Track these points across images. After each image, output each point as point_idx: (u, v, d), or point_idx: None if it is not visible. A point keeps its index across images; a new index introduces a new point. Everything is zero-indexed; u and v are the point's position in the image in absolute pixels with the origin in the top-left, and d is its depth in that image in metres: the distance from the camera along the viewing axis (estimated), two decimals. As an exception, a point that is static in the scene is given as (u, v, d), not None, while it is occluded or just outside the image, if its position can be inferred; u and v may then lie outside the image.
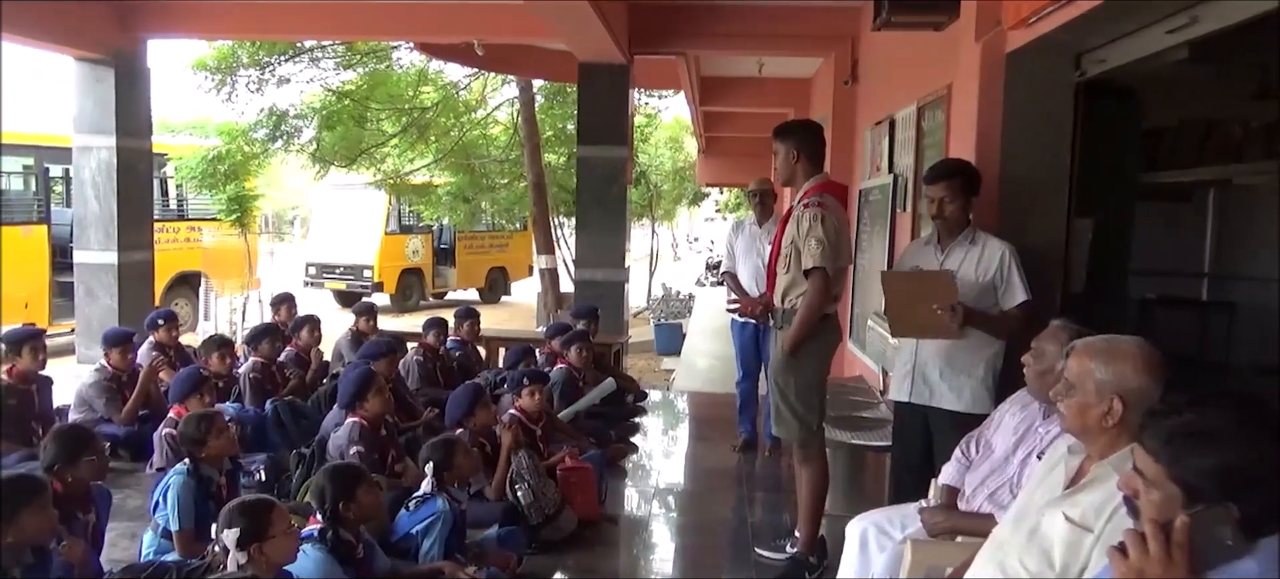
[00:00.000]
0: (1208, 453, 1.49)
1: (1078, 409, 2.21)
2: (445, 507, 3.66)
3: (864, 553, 3.07)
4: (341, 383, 4.81)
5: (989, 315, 3.45)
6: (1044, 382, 2.75)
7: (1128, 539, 1.49)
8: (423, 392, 6.49)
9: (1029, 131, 3.93)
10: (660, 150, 23.71)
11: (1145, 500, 1.58)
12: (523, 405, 5.01)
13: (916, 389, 3.71)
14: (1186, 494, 1.50)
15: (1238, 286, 7.40)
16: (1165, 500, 1.53)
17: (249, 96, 12.14)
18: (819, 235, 3.71)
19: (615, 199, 8.37)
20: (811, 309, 3.77)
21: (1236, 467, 1.47)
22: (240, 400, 5.78)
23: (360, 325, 7.39)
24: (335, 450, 4.45)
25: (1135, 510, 1.60)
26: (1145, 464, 1.57)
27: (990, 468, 2.89)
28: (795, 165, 3.95)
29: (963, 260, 3.58)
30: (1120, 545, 1.50)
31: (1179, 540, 1.44)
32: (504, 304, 21.03)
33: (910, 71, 5.67)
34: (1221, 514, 1.44)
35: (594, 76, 8.19)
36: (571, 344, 6.38)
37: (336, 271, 18.79)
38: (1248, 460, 1.47)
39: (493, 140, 16.37)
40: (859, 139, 7.66)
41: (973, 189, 3.61)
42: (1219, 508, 1.45)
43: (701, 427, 7.59)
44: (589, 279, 8.41)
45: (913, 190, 5.50)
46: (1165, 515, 1.50)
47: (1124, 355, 2.16)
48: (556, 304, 12.51)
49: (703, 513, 5.30)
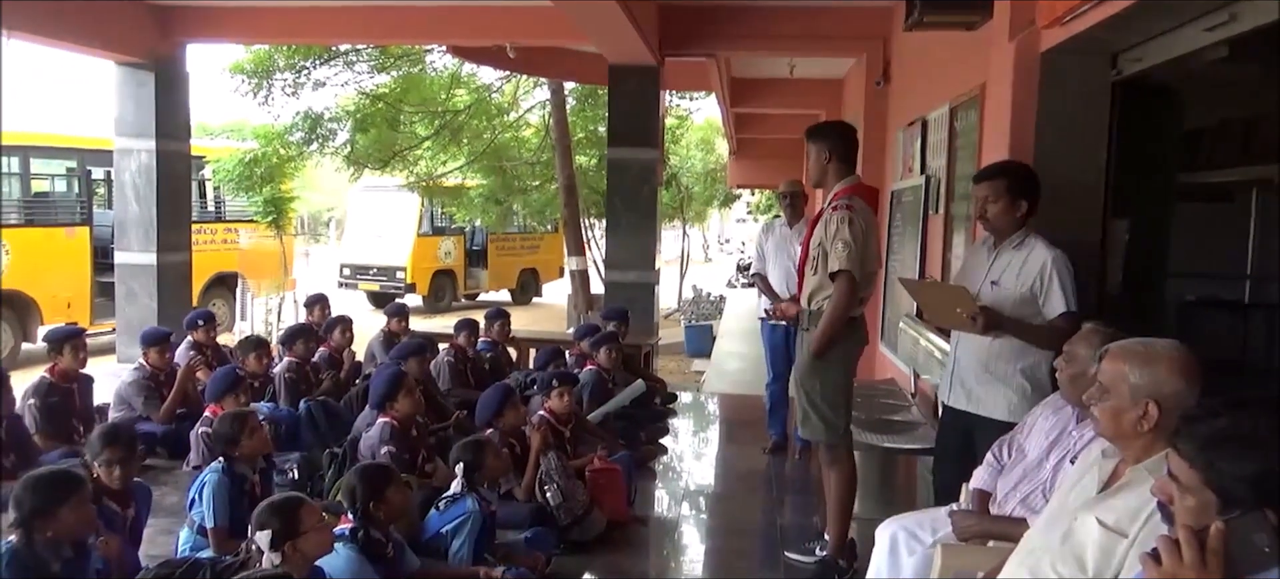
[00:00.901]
0: (1244, 458, 1.46)
1: (1112, 413, 2.18)
2: (475, 507, 3.68)
3: (893, 556, 3.04)
4: (372, 383, 4.86)
5: (1024, 323, 3.32)
6: (1077, 385, 2.71)
7: (1161, 545, 1.46)
8: (453, 392, 6.54)
9: (1064, 132, 3.88)
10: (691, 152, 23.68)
11: (1180, 506, 1.55)
12: (552, 407, 5.03)
13: (954, 395, 3.64)
14: (1222, 500, 1.47)
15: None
16: (1200, 506, 1.50)
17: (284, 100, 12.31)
18: (846, 238, 3.68)
19: (645, 201, 8.37)
20: (837, 312, 3.74)
21: (1274, 472, 1.44)
22: (275, 400, 5.86)
23: (392, 326, 7.45)
24: (366, 450, 4.50)
25: (1170, 516, 1.58)
26: (1180, 469, 1.55)
27: (1022, 472, 2.86)
28: (826, 166, 3.93)
29: (1006, 267, 3.44)
30: (1154, 551, 1.47)
31: (1214, 547, 1.41)
32: (535, 305, 21.12)
33: (943, 72, 5.63)
34: (1258, 520, 1.41)
35: (624, 78, 8.20)
36: (601, 346, 6.39)
37: (370, 273, 18.99)
38: None
39: (524, 143, 16.45)
40: (891, 140, 7.61)
41: (1021, 191, 3.43)
42: (1256, 514, 1.42)
43: (731, 428, 7.57)
44: (619, 281, 8.42)
45: (945, 192, 5.46)
46: (1200, 521, 1.47)
47: (1159, 359, 2.12)
48: (587, 306, 12.54)
49: (732, 515, 5.29)
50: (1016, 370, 3.41)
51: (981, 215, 3.51)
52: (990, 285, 3.44)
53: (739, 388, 9.69)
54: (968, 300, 3.30)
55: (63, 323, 7.76)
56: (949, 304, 3.43)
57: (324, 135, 13.28)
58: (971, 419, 3.56)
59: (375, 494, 3.26)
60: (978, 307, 3.26)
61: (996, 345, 3.42)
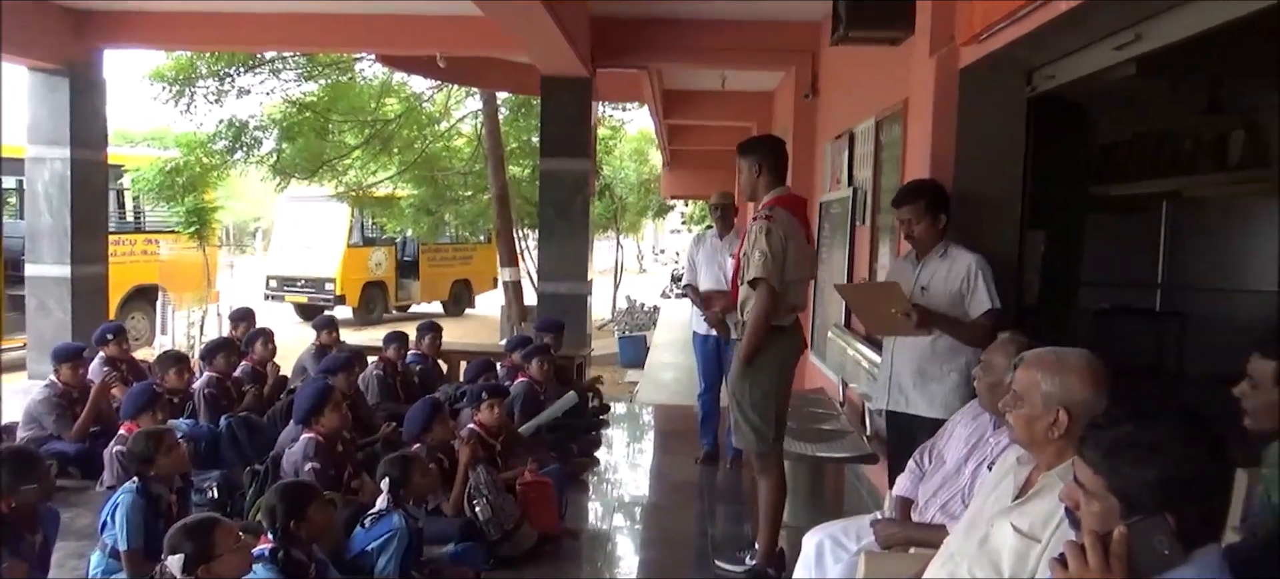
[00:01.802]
0: (1146, 464, 1.51)
1: (1025, 421, 2.24)
2: (401, 523, 3.62)
3: (820, 564, 3.08)
4: (298, 397, 4.75)
5: (954, 319, 3.50)
6: (993, 393, 2.78)
7: (1067, 550, 1.51)
8: (382, 406, 6.44)
9: (982, 145, 3.98)
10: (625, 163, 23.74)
11: (1085, 512, 1.60)
12: (482, 419, 4.97)
13: (893, 397, 3.78)
14: (1125, 505, 1.52)
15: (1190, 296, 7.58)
16: (1105, 512, 1.55)
17: (208, 107, 11.99)
18: (763, 247, 3.78)
19: (578, 211, 8.36)
20: (757, 320, 3.82)
21: (1174, 478, 1.49)
22: (195, 417, 5.68)
23: (323, 339, 7.30)
24: (290, 466, 4.38)
25: (1076, 522, 1.62)
26: (1085, 476, 1.59)
27: (942, 479, 2.92)
28: (757, 180, 4.03)
29: (934, 274, 3.64)
30: (1060, 556, 1.52)
31: (1117, 551, 1.46)
32: (468, 317, 20.90)
33: (869, 86, 5.74)
34: (1159, 524, 1.46)
35: (556, 89, 8.18)
36: (532, 357, 6.35)
37: (298, 284, 18.59)
38: (1185, 472, 1.49)
39: (456, 153, 16.30)
40: (820, 152, 7.73)
41: (939, 206, 3.66)
42: (1157, 518, 1.47)
43: (664, 439, 7.58)
44: (552, 292, 8.39)
45: (872, 203, 5.56)
46: (1105, 526, 1.52)
47: (1069, 368, 2.19)
48: (520, 317, 12.45)
49: (664, 526, 5.29)
50: (951, 370, 3.58)
51: (908, 234, 3.71)
52: (920, 291, 3.61)
53: (673, 398, 9.73)
54: (901, 298, 3.44)
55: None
56: (883, 305, 3.54)
57: (249, 144, 12.96)
58: (911, 421, 3.69)
59: (296, 512, 3.18)
60: (911, 304, 3.40)
61: (931, 347, 3.60)
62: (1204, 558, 1.49)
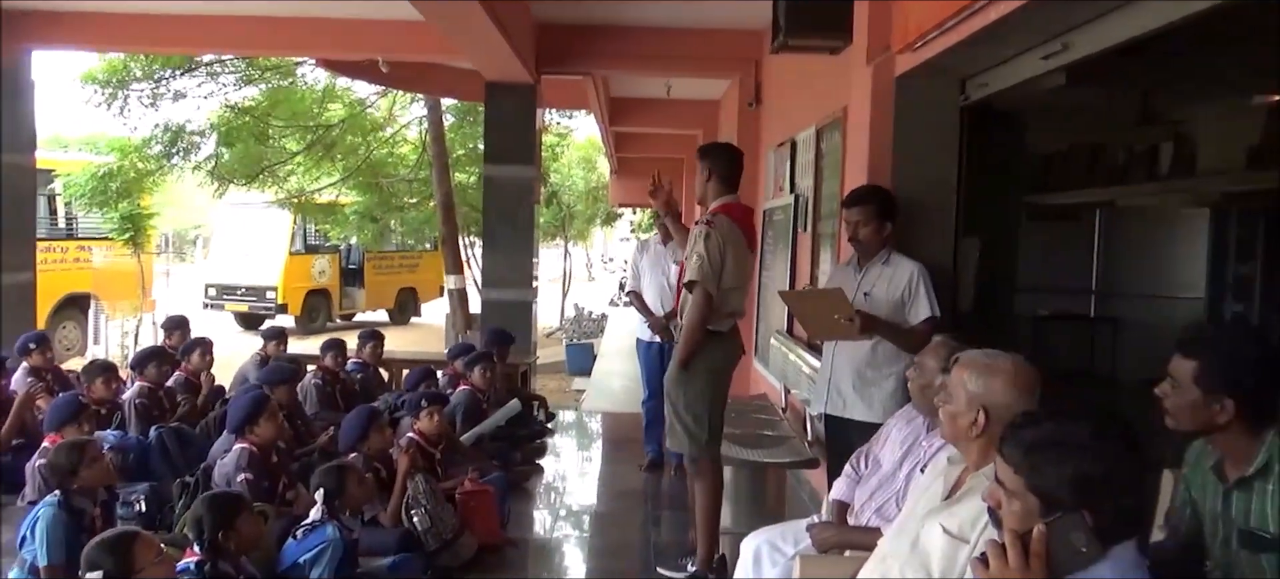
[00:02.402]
0: (1063, 463, 1.53)
1: (950, 417, 2.29)
2: (335, 534, 3.54)
3: (757, 569, 3.08)
4: (231, 407, 4.64)
5: (895, 326, 3.55)
6: (925, 395, 2.82)
7: (989, 550, 1.53)
8: (321, 416, 6.31)
9: (918, 153, 4.04)
10: (573, 170, 23.68)
11: (1006, 510, 1.62)
12: (421, 428, 4.90)
13: (831, 401, 3.82)
14: (1044, 504, 1.55)
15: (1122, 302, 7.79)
16: (1024, 510, 1.57)
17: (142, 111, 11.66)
18: (701, 251, 3.80)
19: (523, 219, 8.31)
20: (692, 323, 3.84)
21: (1091, 476, 1.52)
22: (123, 428, 5.50)
23: (269, 350, 7.14)
24: (222, 478, 4.27)
25: (998, 521, 1.64)
26: (1006, 475, 1.61)
27: (878, 482, 2.94)
28: (707, 185, 4.05)
29: (876, 281, 3.69)
30: (982, 556, 1.53)
31: (1036, 549, 1.48)
32: (414, 325, 20.66)
33: (809, 95, 5.79)
34: (1076, 521, 1.49)
35: (501, 95, 8.13)
36: (475, 365, 6.28)
37: (238, 293, 18.19)
38: (1101, 469, 1.52)
39: (402, 159, 16.09)
40: (763, 160, 7.79)
41: (887, 213, 3.71)
42: (1074, 516, 1.49)
43: (609, 446, 7.56)
44: (497, 299, 8.32)
45: (813, 211, 5.61)
46: (1025, 525, 1.54)
47: (996, 371, 2.23)
48: (465, 325, 12.31)
49: (607, 534, 5.26)
50: (889, 375, 3.63)
51: (853, 237, 3.75)
52: (863, 297, 3.65)
53: (619, 405, 9.71)
54: (844, 304, 3.49)
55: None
56: (826, 311, 3.57)
57: (186, 149, 12.64)
58: (848, 425, 3.73)
59: (224, 524, 3.09)
60: (854, 310, 3.45)
61: (871, 353, 3.65)
62: (1121, 555, 1.52)
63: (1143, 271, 7.78)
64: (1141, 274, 7.77)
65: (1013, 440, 1.61)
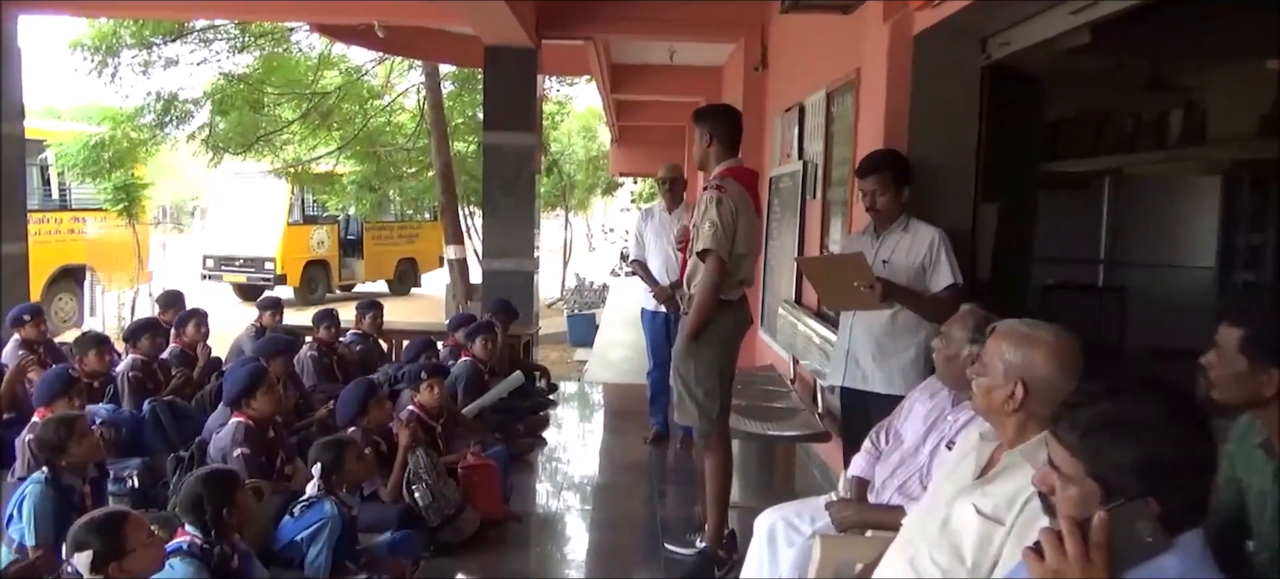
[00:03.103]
0: (1127, 446, 1.39)
1: (985, 390, 2.16)
2: (333, 511, 3.42)
3: (772, 548, 2.97)
4: (227, 380, 4.50)
5: (917, 293, 3.43)
6: (952, 367, 2.69)
7: (1044, 539, 1.39)
8: (320, 388, 6.18)
9: (936, 116, 3.89)
10: (573, 139, 23.45)
11: (1062, 497, 1.48)
12: (422, 401, 4.78)
13: (850, 374, 3.70)
14: (1104, 490, 1.41)
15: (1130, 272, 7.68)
16: (1083, 497, 1.44)
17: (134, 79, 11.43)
18: (712, 218, 3.63)
19: (524, 187, 8.15)
20: (705, 293, 3.68)
21: (1158, 460, 1.38)
22: (115, 401, 5.37)
23: (264, 320, 7.00)
24: (217, 453, 4.14)
25: (1051, 508, 1.51)
26: (1061, 459, 1.48)
27: (900, 458, 2.82)
28: (708, 150, 3.88)
29: (895, 248, 3.56)
30: (1036, 546, 1.40)
31: (1097, 540, 1.35)
32: (414, 296, 20.53)
33: (819, 57, 5.62)
34: (1141, 509, 1.35)
35: (500, 61, 7.95)
36: (476, 336, 6.15)
37: (236, 264, 18.03)
38: (1169, 453, 1.38)
39: (399, 128, 15.86)
40: (769, 126, 7.61)
41: (904, 178, 3.58)
42: (1139, 503, 1.36)
43: (613, 418, 7.45)
44: (497, 269, 8.18)
45: (823, 177, 5.45)
46: (1083, 512, 1.40)
47: (1037, 342, 2.10)
48: (466, 295, 12.17)
49: (612, 508, 5.15)
50: (910, 344, 3.52)
51: (871, 206, 3.60)
52: (882, 265, 3.52)
53: (622, 377, 9.59)
54: (865, 269, 3.35)
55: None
56: (845, 278, 3.43)
57: (179, 117, 12.42)
58: (867, 398, 3.62)
59: (225, 502, 2.96)
60: (875, 276, 3.31)
61: (891, 323, 3.53)
62: (1188, 545, 1.39)
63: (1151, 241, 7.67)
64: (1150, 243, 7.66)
65: (1069, 421, 1.47)
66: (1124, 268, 7.76)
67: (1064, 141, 6.62)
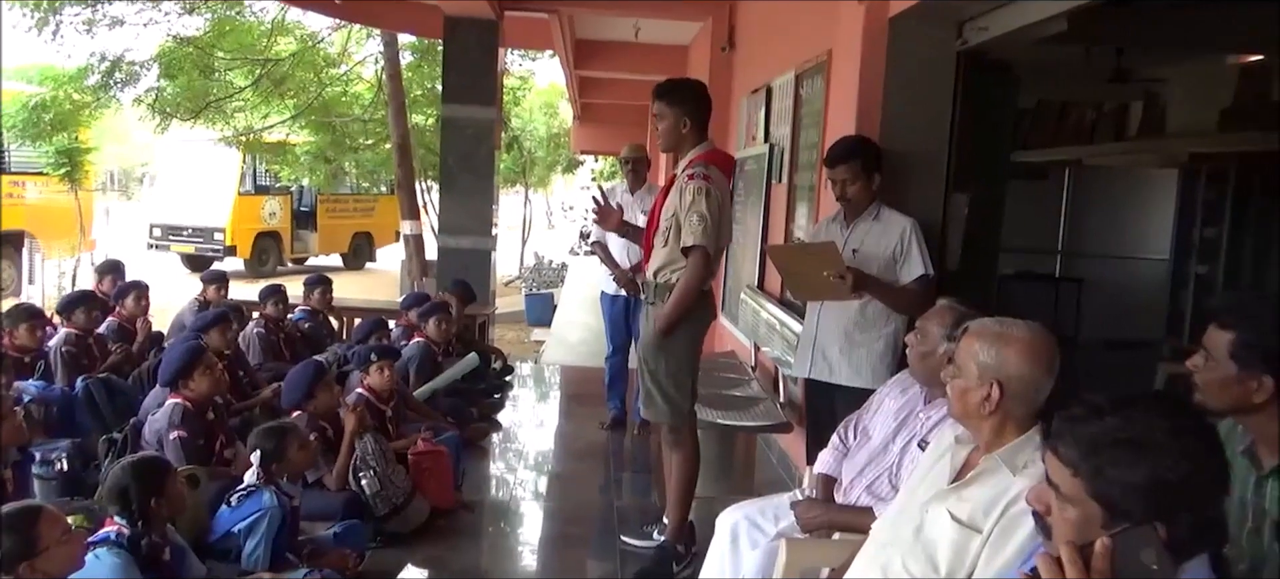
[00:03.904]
0: (1135, 465, 1.28)
1: (959, 391, 2.06)
2: (272, 502, 3.24)
3: (734, 548, 2.85)
4: (165, 358, 4.27)
5: (887, 284, 3.34)
6: (926, 363, 2.59)
7: (1040, 564, 1.28)
8: (266, 367, 5.96)
9: (910, 102, 3.79)
10: (534, 116, 23.14)
11: (1059, 518, 1.37)
12: (371, 383, 4.59)
13: (816, 365, 3.58)
14: (1108, 513, 1.30)
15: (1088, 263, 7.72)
16: (1083, 519, 1.33)
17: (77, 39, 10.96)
18: (701, 211, 3.45)
19: (482, 163, 7.95)
20: (688, 289, 3.51)
21: (1168, 481, 1.27)
22: (47, 378, 5.10)
23: (208, 294, 6.73)
24: (153, 435, 3.93)
25: (1046, 529, 1.40)
26: (1060, 477, 1.36)
27: (868, 456, 2.71)
28: (683, 134, 3.66)
29: (865, 237, 3.46)
30: (1032, 572, 1.28)
31: (1098, 567, 1.23)
32: (368, 271, 20.17)
33: (789, 38, 5.49)
34: (1147, 535, 1.24)
35: (460, 31, 7.72)
36: (430, 316, 5.96)
37: (184, 234, 17.51)
38: (1181, 474, 1.27)
39: (356, 99, 15.47)
40: (735, 108, 7.48)
41: (875, 166, 3.47)
42: (1145, 528, 1.24)
43: (569, 403, 7.30)
44: (453, 246, 7.98)
45: (790, 161, 5.34)
46: (1083, 536, 1.29)
47: (1010, 340, 2.00)
48: (421, 272, 11.91)
49: (567, 498, 5.01)
50: (879, 335, 3.42)
51: (841, 195, 3.50)
52: (851, 254, 3.41)
53: (579, 359, 9.43)
54: (836, 258, 3.24)
55: None
56: (815, 267, 3.32)
57: (125, 80, 11.95)
58: (834, 390, 3.52)
59: (154, 491, 2.77)
60: (846, 266, 3.21)
61: (860, 313, 3.43)
62: (1194, 572, 1.28)
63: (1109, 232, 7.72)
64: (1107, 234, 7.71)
65: (1070, 435, 1.35)
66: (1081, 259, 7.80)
67: (1027, 131, 6.58)
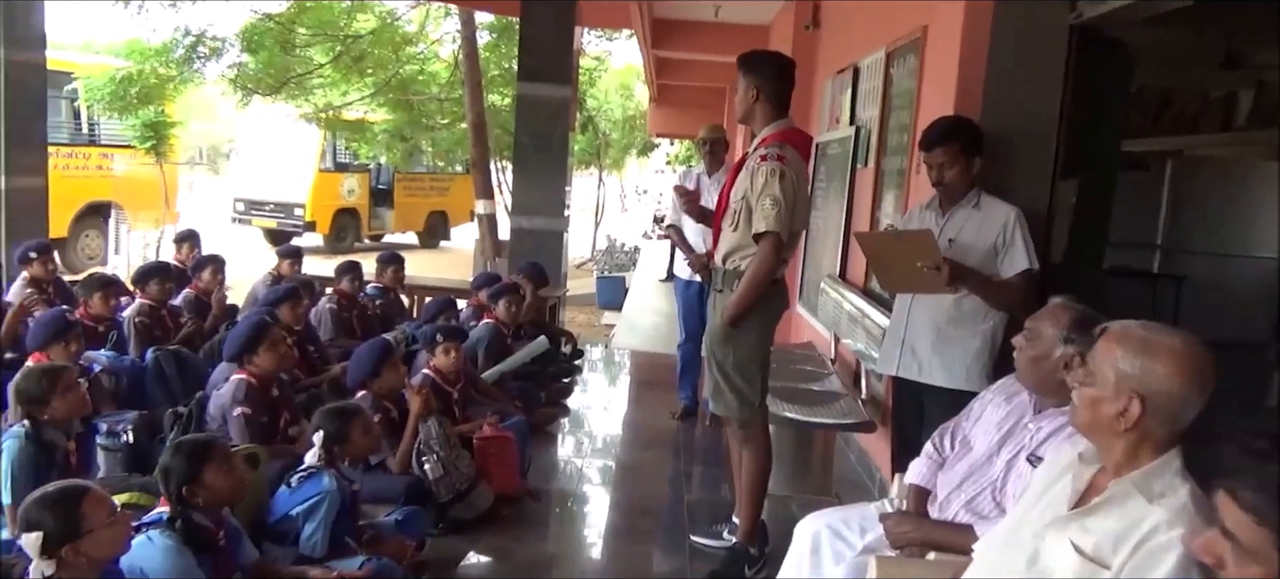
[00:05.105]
0: None
1: (1090, 402, 1.80)
2: (331, 485, 3.12)
3: (815, 559, 2.62)
4: (230, 333, 4.23)
5: (986, 278, 3.07)
6: (1038, 369, 2.32)
7: None
8: (337, 343, 5.91)
9: (1016, 81, 3.48)
10: (610, 97, 22.97)
11: (1233, 569, 1.13)
12: (437, 365, 4.48)
13: (904, 363, 3.33)
14: None
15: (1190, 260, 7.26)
16: None
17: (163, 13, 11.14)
18: (775, 194, 3.22)
19: (557, 142, 7.80)
20: (759, 277, 3.29)
21: None
22: (119, 348, 5.11)
23: (282, 268, 6.73)
24: (217, 410, 3.88)
25: (1218, 583, 1.16)
26: (1240, 525, 1.12)
27: (968, 468, 2.45)
28: (754, 105, 3.45)
29: (963, 225, 3.20)
30: None
31: None
32: (443, 250, 20.32)
33: (879, 14, 5.19)
34: None
35: (537, 9, 7.58)
36: (500, 298, 5.84)
37: (266, 209, 17.87)
38: None
39: (433, 77, 15.51)
40: (818, 90, 7.18)
41: (975, 149, 3.19)
42: None
43: (640, 390, 7.13)
44: (526, 227, 7.86)
45: (877, 145, 5.05)
46: None
47: (1159, 350, 1.72)
48: (494, 252, 11.86)
49: (636, 489, 4.84)
50: (975, 333, 3.15)
51: (939, 181, 3.23)
52: (948, 243, 3.15)
53: (651, 344, 9.27)
54: (932, 248, 2.98)
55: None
56: (908, 257, 3.06)
57: (208, 55, 12.13)
58: (923, 390, 3.27)
59: (187, 478, 2.66)
60: (942, 257, 2.95)
61: (954, 308, 3.17)
62: None
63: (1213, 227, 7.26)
64: (1211, 230, 7.25)
65: (1257, 479, 1.11)
66: (1182, 255, 7.35)
67: (1140, 116, 6.17)
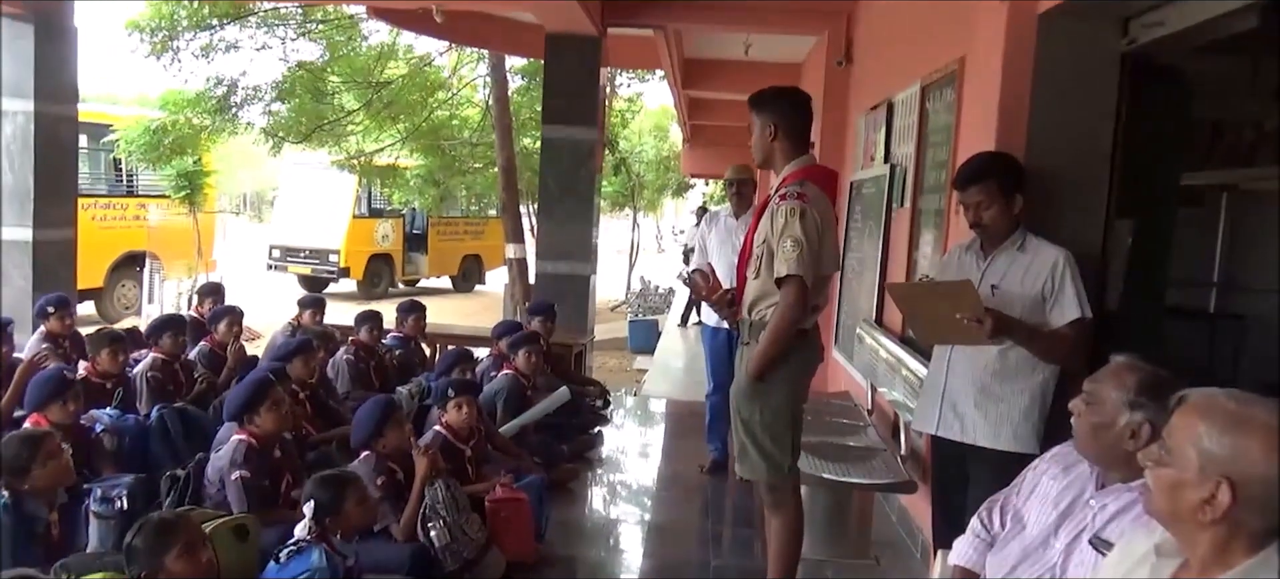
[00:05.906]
0: None
1: (1169, 485, 1.51)
2: (321, 562, 2.90)
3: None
4: (232, 391, 4.05)
5: (1034, 329, 2.79)
6: (1101, 438, 2.02)
7: None
8: (354, 395, 5.72)
9: (1063, 113, 3.20)
10: (644, 137, 22.90)
11: None
12: (450, 421, 4.26)
13: (945, 421, 3.04)
14: None
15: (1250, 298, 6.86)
16: None
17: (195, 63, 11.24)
18: (796, 235, 2.98)
19: (583, 185, 7.62)
20: (782, 326, 3.03)
21: None
22: (126, 405, 4.94)
23: (302, 319, 6.60)
24: (215, 473, 3.69)
25: None
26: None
27: (1022, 550, 2.15)
28: (772, 144, 3.21)
29: (1007, 270, 2.92)
30: None
31: None
32: (478, 294, 20.26)
33: (914, 46, 4.95)
34: None
35: (561, 49, 7.43)
36: (520, 348, 5.62)
37: (301, 255, 17.94)
38: None
39: (465, 121, 15.52)
40: (851, 127, 6.93)
41: (1015, 186, 2.94)
42: None
43: (669, 441, 6.85)
44: (551, 272, 7.67)
45: (914, 183, 4.78)
46: None
47: (1251, 426, 1.43)
48: (524, 296, 11.71)
49: (660, 552, 4.53)
50: (1022, 389, 2.86)
51: (976, 221, 2.96)
52: (990, 290, 2.88)
53: (684, 391, 9.00)
54: (973, 299, 2.71)
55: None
56: (947, 310, 2.79)
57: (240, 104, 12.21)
58: (966, 451, 2.96)
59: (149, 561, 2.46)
60: (985, 308, 2.69)
61: (998, 361, 2.89)
62: None
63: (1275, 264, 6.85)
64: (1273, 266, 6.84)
65: None
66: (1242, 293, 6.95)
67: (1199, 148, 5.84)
